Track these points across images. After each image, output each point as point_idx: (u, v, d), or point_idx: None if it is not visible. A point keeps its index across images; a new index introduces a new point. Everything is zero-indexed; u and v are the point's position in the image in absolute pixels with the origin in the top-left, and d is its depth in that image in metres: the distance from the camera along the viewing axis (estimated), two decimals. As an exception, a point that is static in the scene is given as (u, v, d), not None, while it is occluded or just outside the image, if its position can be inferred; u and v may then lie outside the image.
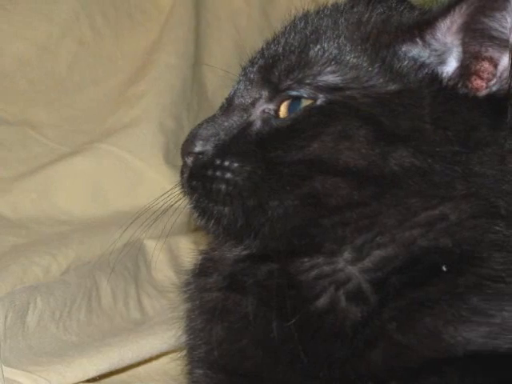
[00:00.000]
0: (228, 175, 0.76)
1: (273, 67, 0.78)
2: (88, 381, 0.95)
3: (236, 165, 0.76)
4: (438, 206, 0.73)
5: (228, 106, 0.82)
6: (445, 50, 0.75)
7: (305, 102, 0.75)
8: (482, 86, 0.74)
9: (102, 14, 1.71)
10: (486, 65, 0.74)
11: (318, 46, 0.77)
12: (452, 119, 0.73)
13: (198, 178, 0.79)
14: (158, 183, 1.52)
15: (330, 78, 0.75)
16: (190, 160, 0.80)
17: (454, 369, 0.68)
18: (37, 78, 1.63)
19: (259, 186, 0.74)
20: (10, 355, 0.96)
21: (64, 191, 1.53)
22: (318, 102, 0.74)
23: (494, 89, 0.73)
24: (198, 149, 0.79)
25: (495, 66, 0.74)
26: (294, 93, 0.76)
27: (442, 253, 0.72)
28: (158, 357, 1.06)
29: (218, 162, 0.77)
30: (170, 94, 1.68)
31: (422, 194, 0.72)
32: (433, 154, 0.72)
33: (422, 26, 0.75)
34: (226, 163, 0.76)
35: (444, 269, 0.71)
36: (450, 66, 0.75)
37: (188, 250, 1.03)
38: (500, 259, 0.71)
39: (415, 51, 0.75)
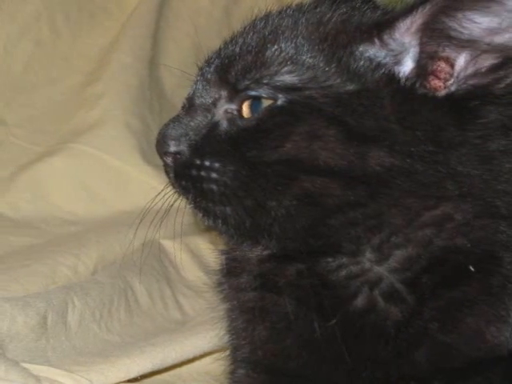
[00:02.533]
0: (214, 175, 0.75)
1: (229, 67, 0.78)
2: (129, 381, 0.95)
3: (217, 165, 0.75)
4: (438, 207, 0.73)
5: (190, 106, 0.81)
6: (402, 51, 0.74)
7: (266, 102, 0.75)
8: (440, 86, 0.74)
9: (65, 14, 1.71)
10: (442, 65, 0.74)
11: (276, 46, 0.76)
12: (416, 119, 0.73)
13: (185, 178, 0.78)
14: (146, 183, 1.52)
15: (287, 77, 0.75)
16: (169, 160, 0.80)
17: (497, 369, 0.71)
18: None
19: (249, 186, 0.74)
20: (52, 355, 0.96)
21: (55, 191, 1.54)
22: (279, 102, 0.74)
23: (453, 89, 0.73)
24: (172, 149, 0.79)
25: (452, 66, 0.74)
26: (252, 93, 0.76)
27: (463, 253, 0.73)
28: (201, 357, 1.06)
29: (197, 161, 0.77)
30: (128, 94, 1.68)
31: (416, 195, 0.73)
32: (410, 154, 0.72)
33: (382, 26, 0.75)
34: (207, 163, 0.76)
35: (472, 269, 0.72)
36: (407, 66, 0.75)
37: (208, 250, 1.03)
38: (508, 259, 0.73)
39: (372, 51, 0.75)
